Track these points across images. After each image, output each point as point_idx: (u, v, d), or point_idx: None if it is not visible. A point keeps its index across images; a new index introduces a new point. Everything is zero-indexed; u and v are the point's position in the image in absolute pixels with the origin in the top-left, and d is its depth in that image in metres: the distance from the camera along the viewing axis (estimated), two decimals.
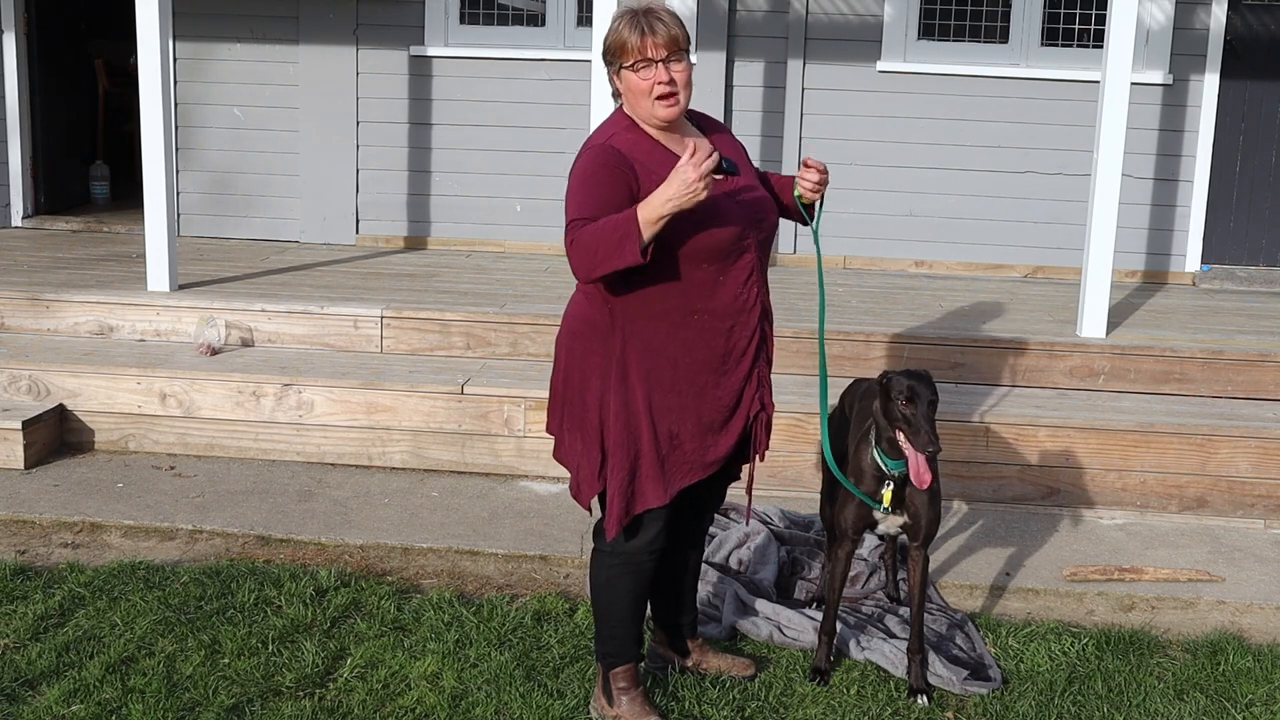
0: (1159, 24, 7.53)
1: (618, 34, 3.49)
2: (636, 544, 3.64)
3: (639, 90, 3.49)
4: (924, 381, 3.81)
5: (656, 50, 3.45)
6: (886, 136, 7.77)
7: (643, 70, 3.47)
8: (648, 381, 3.52)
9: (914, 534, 4.00)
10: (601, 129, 3.60)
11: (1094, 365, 6.10)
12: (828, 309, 6.61)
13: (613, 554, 3.67)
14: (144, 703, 3.77)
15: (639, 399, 3.53)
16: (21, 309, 6.50)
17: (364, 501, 5.43)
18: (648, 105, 3.50)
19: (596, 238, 3.32)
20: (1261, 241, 7.87)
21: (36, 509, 5.24)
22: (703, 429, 3.59)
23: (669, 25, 3.47)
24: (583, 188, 3.44)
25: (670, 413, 3.54)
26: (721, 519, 5.15)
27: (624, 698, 3.75)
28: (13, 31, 8.20)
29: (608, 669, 3.78)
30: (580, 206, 3.41)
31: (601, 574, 3.71)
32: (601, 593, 3.73)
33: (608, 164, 3.44)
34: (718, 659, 4.08)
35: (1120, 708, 3.95)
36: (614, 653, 3.76)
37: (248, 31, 8.01)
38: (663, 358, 3.52)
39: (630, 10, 3.50)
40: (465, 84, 7.94)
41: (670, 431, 3.55)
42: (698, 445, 3.59)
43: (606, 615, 3.74)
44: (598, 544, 3.72)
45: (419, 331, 6.32)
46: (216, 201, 8.18)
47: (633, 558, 3.66)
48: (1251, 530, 5.46)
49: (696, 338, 3.52)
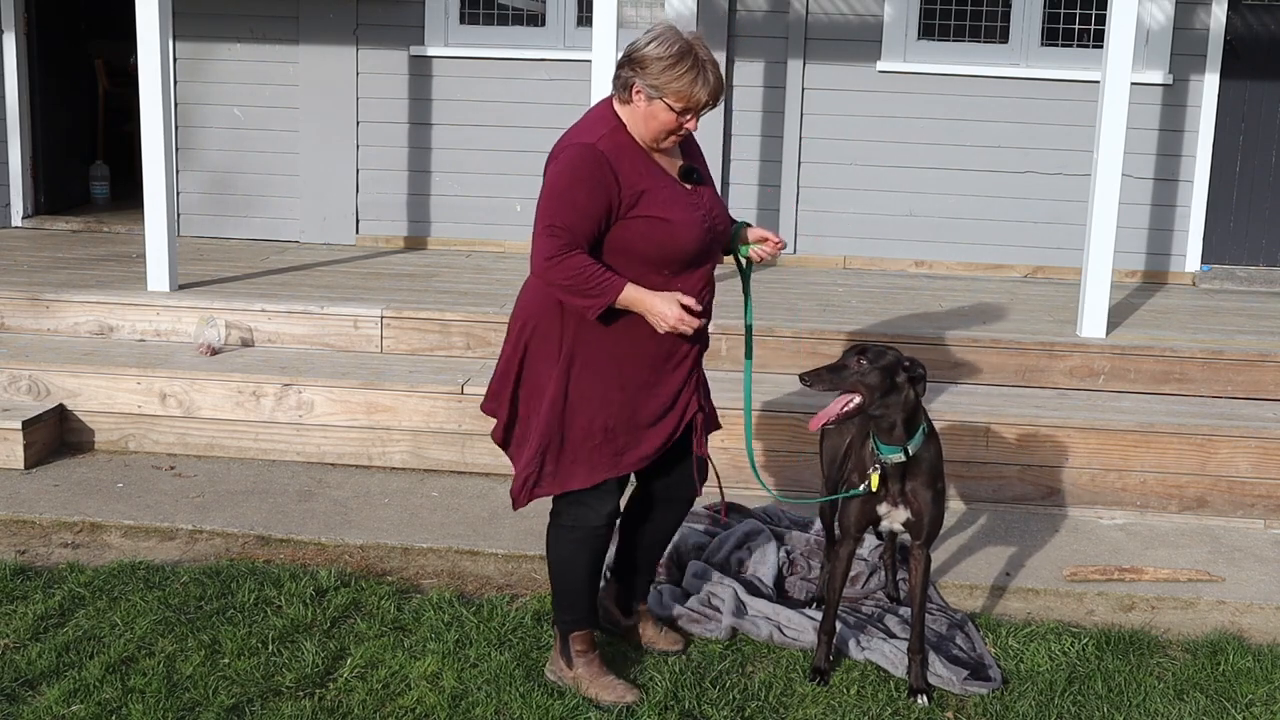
0: (1159, 24, 7.53)
1: (680, 77, 3.55)
2: (593, 519, 3.83)
3: (664, 125, 3.62)
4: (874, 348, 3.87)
5: (706, 108, 3.62)
6: (886, 136, 7.77)
7: (681, 116, 3.61)
8: (589, 371, 3.70)
9: (916, 533, 4.00)
10: (588, 124, 3.67)
11: (1094, 365, 6.10)
12: (828, 309, 6.62)
13: (572, 528, 3.86)
14: (144, 703, 3.77)
15: (576, 387, 3.71)
16: (21, 309, 6.50)
17: (364, 501, 5.43)
18: (658, 135, 3.64)
19: (577, 277, 3.56)
20: (1261, 241, 7.87)
21: (36, 509, 5.24)
22: (635, 425, 3.76)
23: (720, 80, 3.62)
24: (566, 192, 3.57)
25: (609, 406, 3.72)
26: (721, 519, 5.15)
27: (580, 660, 3.93)
28: (13, 31, 8.20)
29: (566, 633, 3.94)
30: (559, 213, 3.56)
31: (563, 548, 3.90)
32: (561, 565, 3.91)
33: (592, 173, 3.55)
34: (652, 630, 4.22)
35: (1120, 708, 3.95)
36: (572, 619, 3.94)
37: (248, 31, 8.01)
38: (607, 354, 3.69)
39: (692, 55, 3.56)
40: (465, 84, 7.94)
41: (605, 425, 3.73)
42: (627, 440, 3.76)
43: (566, 585, 3.92)
44: (557, 518, 3.88)
45: (419, 331, 6.32)
46: (216, 201, 8.18)
47: (589, 531, 3.85)
48: (1251, 530, 5.46)
49: (643, 338, 3.70)
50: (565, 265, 3.57)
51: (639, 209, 3.60)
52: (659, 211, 3.61)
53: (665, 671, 4.05)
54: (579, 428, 3.73)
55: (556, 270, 3.58)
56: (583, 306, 3.61)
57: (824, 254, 7.89)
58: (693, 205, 3.69)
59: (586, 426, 3.72)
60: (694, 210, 3.69)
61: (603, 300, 3.59)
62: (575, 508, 3.83)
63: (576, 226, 3.56)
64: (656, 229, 3.61)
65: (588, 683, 3.89)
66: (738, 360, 5.94)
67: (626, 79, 3.62)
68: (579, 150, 3.59)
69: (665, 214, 3.62)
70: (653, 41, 3.59)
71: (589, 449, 3.74)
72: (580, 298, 3.60)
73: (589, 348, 3.70)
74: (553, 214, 3.57)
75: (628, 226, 3.61)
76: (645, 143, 3.66)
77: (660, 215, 3.61)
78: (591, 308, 3.60)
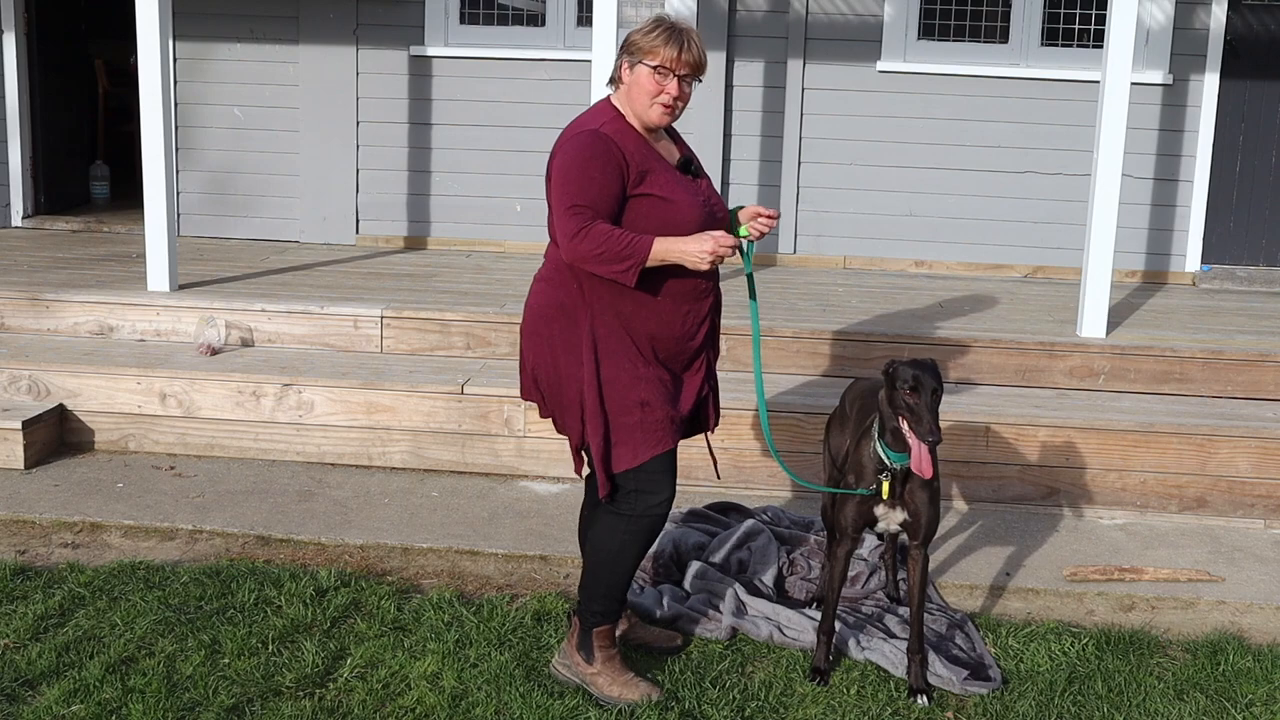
0: (1159, 24, 7.53)
1: (654, 38, 3.72)
2: (651, 503, 3.82)
3: (647, 90, 3.72)
4: (929, 371, 3.82)
5: (680, 66, 3.71)
6: (886, 136, 7.78)
7: (660, 77, 3.70)
8: (617, 354, 3.75)
9: (914, 533, 4.00)
10: (589, 116, 3.80)
11: (1094, 365, 6.10)
12: (828, 309, 6.62)
13: (631, 517, 3.82)
14: (144, 703, 3.77)
15: (607, 369, 3.74)
16: (21, 309, 6.50)
17: (364, 501, 5.43)
18: (645, 105, 3.74)
19: (606, 243, 3.61)
20: (1261, 241, 7.87)
21: (36, 509, 5.24)
22: (667, 395, 3.80)
23: (699, 51, 3.75)
24: (582, 174, 3.65)
25: (640, 382, 3.76)
26: (722, 519, 5.15)
27: (601, 654, 3.91)
28: (13, 32, 8.20)
29: (590, 627, 3.92)
30: (581, 192, 3.64)
31: (614, 538, 3.86)
32: (612, 554, 3.87)
33: (603, 151, 3.65)
34: (644, 631, 4.23)
35: (1120, 708, 3.95)
36: (603, 611, 3.92)
37: (248, 31, 8.01)
38: (628, 333, 3.75)
39: (670, 24, 3.75)
40: (465, 84, 7.94)
41: (641, 400, 3.75)
42: (666, 410, 3.79)
43: (608, 576, 3.89)
44: (615, 508, 3.85)
45: (419, 331, 6.32)
46: (216, 201, 8.19)
47: (646, 518, 3.83)
48: (1251, 530, 5.46)
49: (658, 316, 3.76)
50: (591, 236, 3.61)
51: (644, 187, 3.68)
52: (661, 191, 3.69)
53: (665, 671, 4.05)
54: (615, 408, 3.75)
55: (584, 243, 3.61)
56: (618, 273, 3.63)
57: (824, 254, 7.89)
58: (693, 191, 3.79)
59: (621, 404, 3.74)
60: (694, 195, 3.78)
61: (635, 260, 3.61)
62: (634, 496, 3.82)
63: (597, 203, 3.62)
64: (659, 208, 3.69)
65: (609, 679, 3.88)
66: (738, 360, 5.94)
67: (617, 63, 3.81)
68: (585, 135, 3.68)
69: (667, 194, 3.70)
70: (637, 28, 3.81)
71: (629, 426, 3.75)
72: (614, 263, 3.62)
73: (611, 331, 3.74)
74: (571, 195, 3.63)
75: (632, 206, 3.69)
76: (639, 120, 3.75)
77: (662, 194, 3.69)
78: (627, 270, 3.62)
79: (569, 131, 3.75)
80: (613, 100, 3.83)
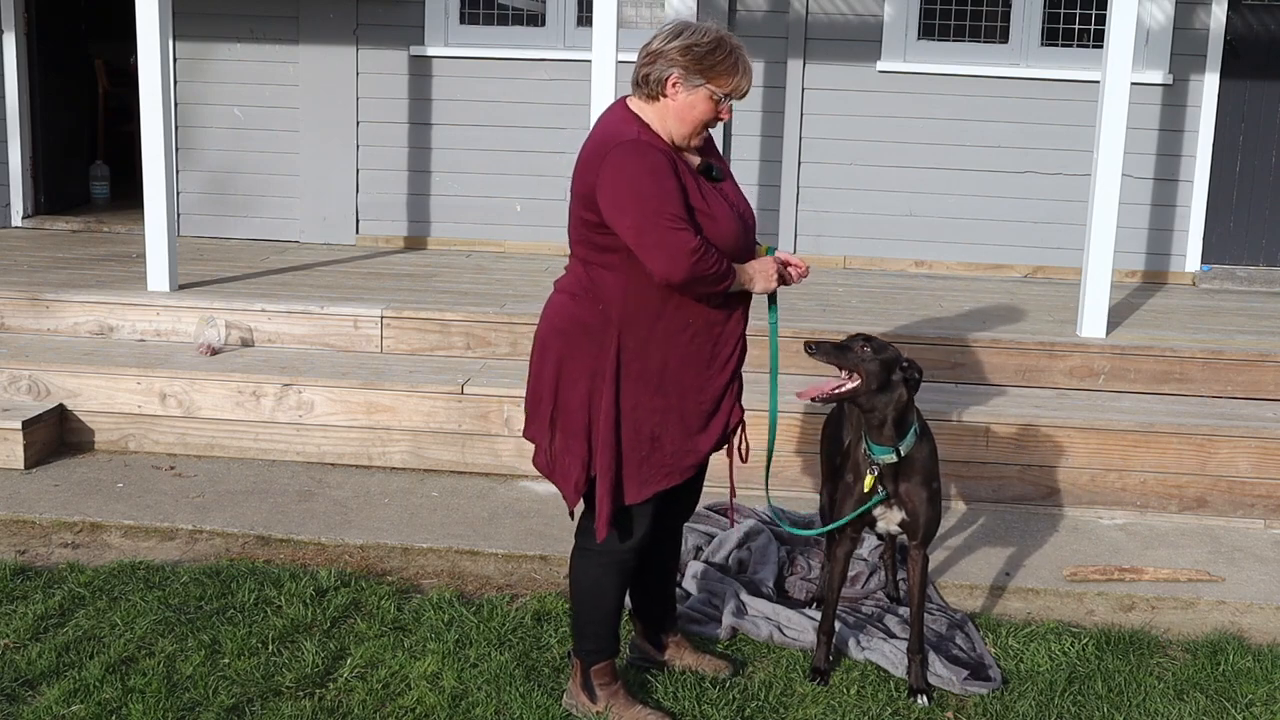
0: (1159, 24, 7.53)
1: (725, 62, 3.47)
2: (627, 543, 3.68)
3: (701, 115, 3.50)
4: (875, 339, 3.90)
5: (742, 95, 3.52)
6: (886, 136, 7.77)
7: (721, 106, 3.51)
8: (636, 382, 3.55)
9: (913, 533, 4.00)
10: (617, 125, 3.52)
11: (1094, 365, 6.10)
12: (828, 309, 6.62)
13: (601, 553, 3.69)
14: (144, 703, 3.77)
15: (626, 399, 3.55)
16: (21, 309, 6.50)
17: (364, 501, 5.43)
18: (691, 126, 3.50)
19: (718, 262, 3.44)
20: (1261, 241, 7.87)
21: (36, 509, 5.23)
22: (684, 431, 3.62)
23: None
24: (657, 186, 3.40)
25: (655, 414, 3.57)
26: (721, 519, 5.15)
27: (604, 692, 3.78)
28: (13, 32, 8.20)
29: (589, 665, 3.79)
30: (668, 202, 3.39)
31: (589, 574, 3.73)
32: (588, 593, 3.75)
33: (665, 164, 3.43)
34: (693, 656, 4.08)
35: (1120, 708, 3.95)
36: (595, 649, 3.78)
37: (248, 31, 8.01)
38: (653, 360, 3.54)
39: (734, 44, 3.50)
40: (465, 84, 7.94)
41: (652, 434, 3.58)
42: (677, 448, 3.61)
43: (591, 614, 3.76)
44: (584, 544, 3.72)
45: (419, 331, 6.32)
46: (216, 201, 8.19)
47: (620, 556, 3.70)
48: (1251, 530, 5.46)
49: (687, 341, 3.56)
50: (711, 252, 3.42)
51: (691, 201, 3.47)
52: (704, 206, 3.49)
53: (665, 671, 4.05)
54: (626, 440, 3.56)
55: (705, 260, 3.41)
56: (718, 290, 3.49)
57: (824, 254, 7.89)
58: (724, 201, 3.57)
59: (633, 437, 3.56)
60: (729, 206, 3.57)
61: (730, 277, 3.49)
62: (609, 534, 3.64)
63: (684, 215, 3.41)
64: (705, 224, 3.47)
65: (617, 715, 3.74)
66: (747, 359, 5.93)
67: (660, 74, 3.46)
68: (632, 146, 3.42)
69: (712, 209, 3.50)
70: (682, 33, 3.48)
71: (636, 460, 3.57)
72: (719, 283, 3.47)
73: (633, 357, 3.53)
74: (656, 207, 3.37)
75: None
76: (676, 139, 3.52)
77: (704, 209, 3.48)
78: (725, 288, 3.49)
79: (608, 139, 3.46)
80: (636, 109, 3.54)
